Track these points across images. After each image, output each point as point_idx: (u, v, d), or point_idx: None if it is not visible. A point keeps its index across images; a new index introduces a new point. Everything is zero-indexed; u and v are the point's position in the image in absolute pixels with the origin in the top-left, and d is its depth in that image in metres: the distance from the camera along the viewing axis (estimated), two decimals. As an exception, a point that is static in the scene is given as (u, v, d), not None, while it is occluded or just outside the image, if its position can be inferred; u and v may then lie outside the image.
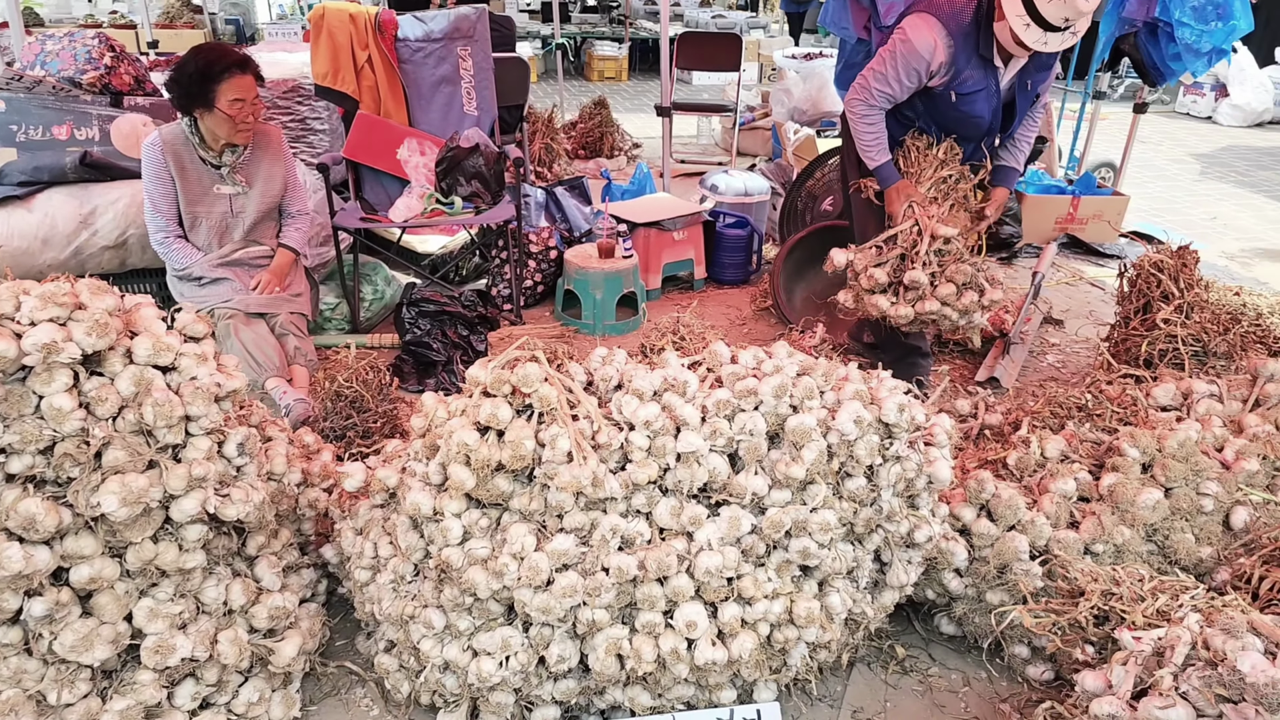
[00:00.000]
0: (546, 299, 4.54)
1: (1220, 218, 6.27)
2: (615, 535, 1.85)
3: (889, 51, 3.00)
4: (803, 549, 1.90)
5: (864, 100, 3.09)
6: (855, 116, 3.12)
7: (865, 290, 3.14)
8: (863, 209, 3.37)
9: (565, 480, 1.79)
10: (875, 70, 3.04)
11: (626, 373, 2.02)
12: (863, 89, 3.08)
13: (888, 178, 3.18)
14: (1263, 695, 1.43)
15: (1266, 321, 3.98)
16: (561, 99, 8.34)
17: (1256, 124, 9.70)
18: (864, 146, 3.15)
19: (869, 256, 3.14)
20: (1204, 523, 2.29)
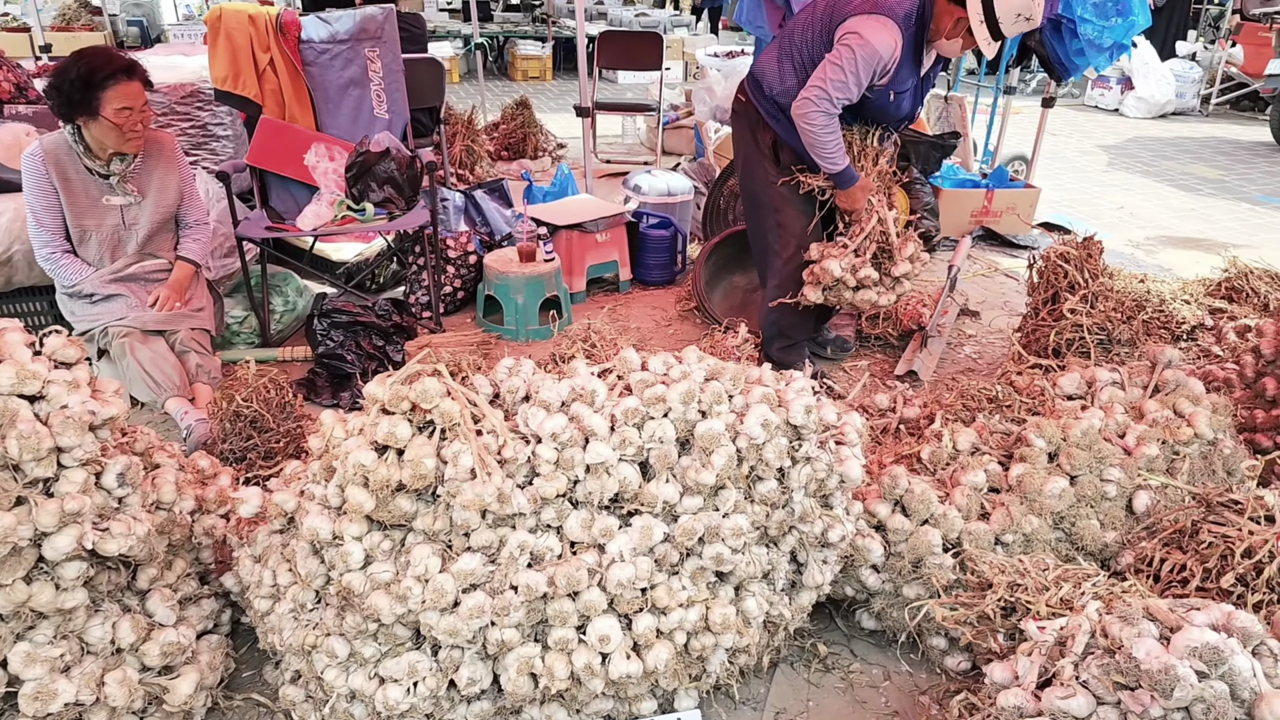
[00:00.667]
0: (467, 305, 4.45)
1: (1127, 207, 6.50)
2: (524, 552, 1.80)
3: (845, 58, 2.91)
4: (716, 555, 1.88)
5: (824, 111, 2.98)
6: (816, 128, 3.00)
7: (850, 289, 3.20)
8: (782, 199, 3.32)
9: (468, 498, 1.73)
10: (832, 79, 2.94)
11: (533, 383, 1.98)
12: (821, 99, 2.96)
13: (850, 179, 3.16)
14: (1157, 681, 1.45)
15: (1169, 307, 4.13)
16: (483, 99, 8.21)
17: (1160, 115, 10.10)
18: (827, 155, 3.08)
19: (843, 254, 3.19)
20: (1108, 508, 2.34)
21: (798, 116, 3.01)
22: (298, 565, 1.92)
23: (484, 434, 1.86)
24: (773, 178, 3.30)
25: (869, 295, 3.22)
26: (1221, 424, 2.49)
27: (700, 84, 7.34)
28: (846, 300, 3.26)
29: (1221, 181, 7.34)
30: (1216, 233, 5.91)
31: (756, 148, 3.32)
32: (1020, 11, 2.84)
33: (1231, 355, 3.74)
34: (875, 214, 3.21)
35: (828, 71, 2.94)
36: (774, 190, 3.31)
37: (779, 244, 3.37)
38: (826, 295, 3.26)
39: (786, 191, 3.29)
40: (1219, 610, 1.64)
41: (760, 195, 3.38)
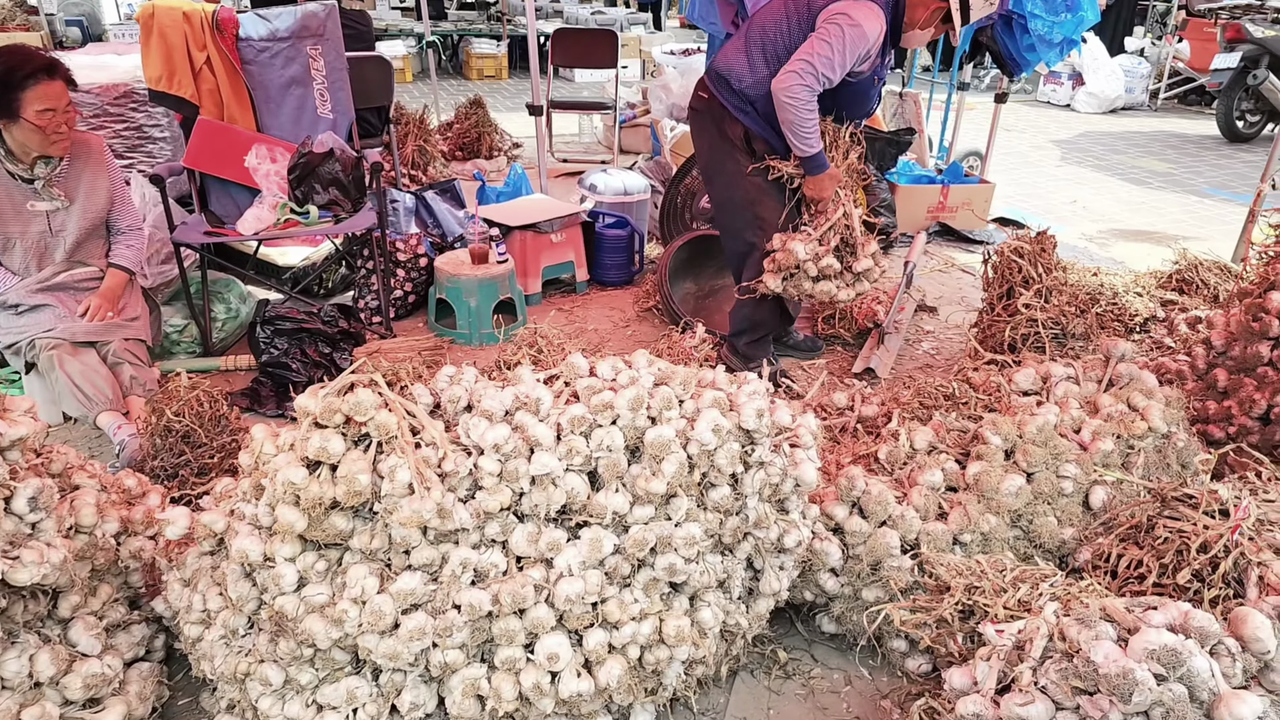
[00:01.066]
0: (419, 309, 4.35)
1: (1080, 201, 6.57)
2: (467, 569, 1.72)
3: (835, 36, 2.90)
4: (669, 565, 1.82)
5: (808, 86, 2.93)
6: (798, 103, 2.95)
7: (810, 278, 3.16)
8: (758, 191, 3.26)
9: (406, 515, 1.65)
10: (820, 55, 2.91)
11: (476, 392, 1.90)
12: (807, 74, 2.91)
13: (821, 165, 3.12)
14: (1115, 686, 1.42)
15: (1122, 300, 4.16)
16: (436, 98, 8.08)
17: (1110, 110, 10.25)
18: (804, 134, 3.02)
19: (809, 244, 3.15)
20: (1065, 505, 2.32)
21: (780, 90, 2.95)
22: (229, 589, 1.82)
23: (423, 446, 1.77)
24: (747, 171, 3.24)
25: (828, 286, 3.18)
26: (1175, 417, 2.48)
27: (656, 82, 7.28)
28: (805, 290, 3.20)
29: (1171, 175, 7.46)
30: (1167, 225, 5.99)
31: (726, 142, 3.25)
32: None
33: (1183, 347, 3.77)
34: (841, 206, 3.18)
35: (816, 48, 2.91)
36: (749, 183, 3.25)
37: (759, 237, 3.30)
38: (786, 285, 3.20)
39: (761, 183, 3.24)
40: (1175, 609, 1.62)
41: (734, 191, 3.30)
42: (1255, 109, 8.45)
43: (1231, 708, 1.40)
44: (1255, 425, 2.75)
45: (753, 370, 3.44)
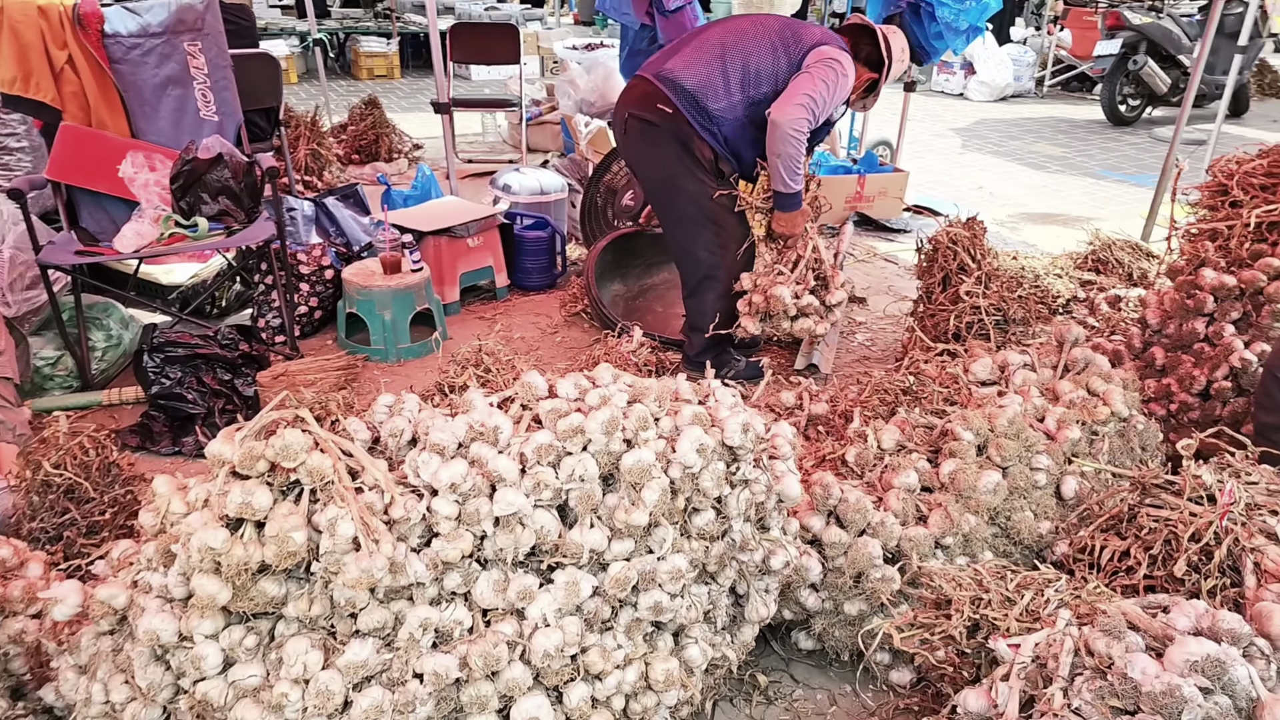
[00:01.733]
0: (327, 325, 4.01)
1: (985, 186, 6.71)
2: (427, 630, 1.49)
3: (831, 80, 2.99)
4: (654, 604, 1.63)
5: (810, 122, 2.99)
6: (800, 137, 2.98)
7: (790, 318, 3.19)
8: (721, 213, 3.22)
9: (353, 576, 1.41)
10: (819, 94, 2.97)
11: (421, 423, 1.66)
12: (808, 110, 2.96)
13: (799, 202, 3.16)
14: (1161, 704, 1.31)
15: (1043, 282, 4.20)
16: (327, 100, 7.61)
17: (1001, 98, 10.61)
18: (796, 169, 3.05)
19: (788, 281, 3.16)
20: (1039, 497, 2.25)
21: (787, 122, 2.93)
22: (137, 676, 1.53)
23: (365, 491, 1.53)
24: (712, 190, 3.17)
25: (807, 323, 3.20)
26: (1134, 400, 2.45)
27: (562, 78, 7.05)
28: (784, 330, 3.23)
29: (1065, 158, 7.72)
30: (1069, 207, 6.17)
31: (692, 161, 3.14)
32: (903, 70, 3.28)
33: (1107, 325, 3.83)
34: (810, 240, 3.20)
35: (816, 88, 2.96)
36: (713, 204, 3.19)
37: (720, 257, 3.25)
38: (764, 326, 3.23)
39: (725, 205, 3.21)
40: (1194, 609, 1.53)
41: (696, 211, 3.21)
42: (1136, 93, 8.86)
43: (1276, 715, 1.31)
44: (1195, 401, 2.76)
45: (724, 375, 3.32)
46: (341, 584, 1.43)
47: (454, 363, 2.14)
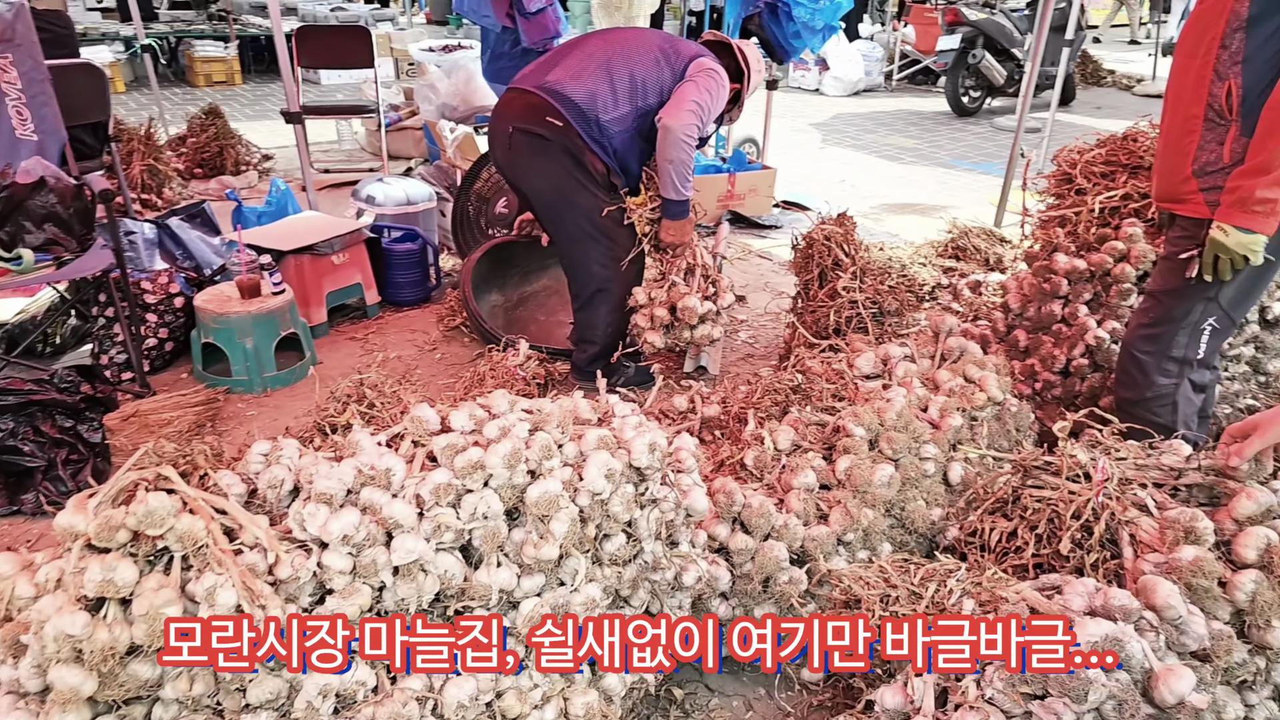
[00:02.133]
0: (181, 358, 3.70)
1: (847, 180, 6.95)
2: (326, 697, 1.37)
3: (714, 90, 3.06)
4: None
5: (701, 129, 3.06)
6: (689, 147, 3.02)
7: (690, 326, 3.22)
8: (614, 227, 3.19)
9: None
10: (705, 104, 3.02)
11: (303, 470, 1.53)
12: (698, 117, 3.00)
13: (687, 210, 3.19)
14: (1069, 688, 1.36)
15: (910, 271, 4.37)
16: (161, 110, 7.07)
17: (854, 93, 11.05)
18: (686, 177, 3.09)
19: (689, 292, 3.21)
20: (929, 485, 2.32)
21: (680, 128, 2.95)
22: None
23: (246, 551, 1.39)
24: (605, 204, 3.14)
25: (706, 329, 3.25)
26: (1006, 384, 2.57)
27: (421, 81, 6.82)
28: (685, 339, 3.26)
29: (918, 150, 8.10)
30: (925, 197, 6.47)
31: (584, 175, 3.09)
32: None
33: (970, 310, 4.03)
34: (698, 249, 3.25)
35: (703, 95, 3.01)
36: (606, 220, 3.16)
37: (613, 273, 3.23)
38: (667, 338, 3.27)
39: (617, 214, 3.18)
40: (1084, 588, 1.61)
41: (589, 226, 3.15)
42: (976, 85, 9.42)
43: (1171, 685, 1.39)
44: (1057, 379, 2.94)
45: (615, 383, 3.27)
46: (226, 658, 1.29)
47: (333, 399, 1.99)
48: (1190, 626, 1.48)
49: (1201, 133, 2.15)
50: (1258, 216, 2.01)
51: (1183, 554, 1.60)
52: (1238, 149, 2.08)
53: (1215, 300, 2.24)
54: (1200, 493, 1.87)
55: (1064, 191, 3.11)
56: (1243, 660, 1.54)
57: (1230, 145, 2.10)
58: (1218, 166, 2.13)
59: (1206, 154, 2.15)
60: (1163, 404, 2.37)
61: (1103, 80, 11.88)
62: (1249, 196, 2.01)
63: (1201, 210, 2.18)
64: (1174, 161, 2.24)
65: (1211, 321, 2.27)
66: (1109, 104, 10.50)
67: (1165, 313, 2.32)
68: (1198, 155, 2.17)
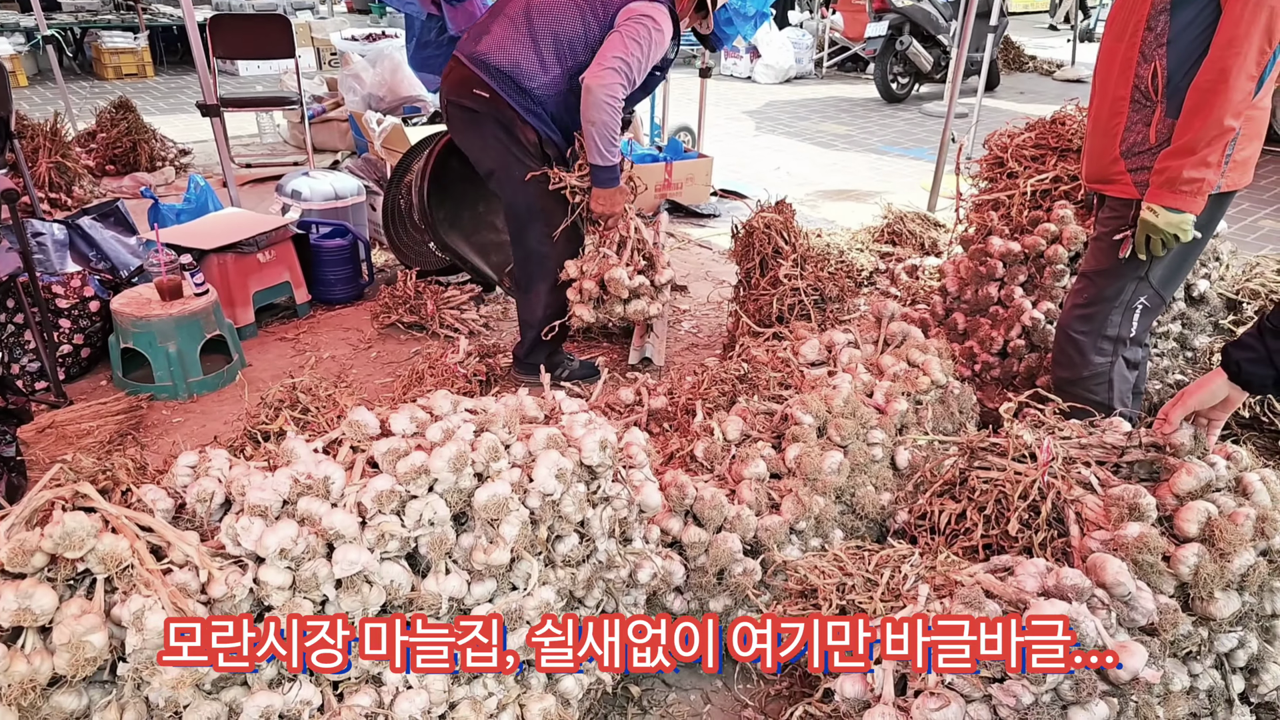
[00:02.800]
0: (99, 364, 3.52)
1: (782, 167, 6.98)
2: (269, 719, 1.29)
3: (643, 37, 2.80)
4: (523, 643, 1.52)
5: (625, 86, 2.81)
6: (615, 104, 2.80)
7: (622, 301, 3.06)
8: (548, 200, 3.04)
9: (173, 675, 1.20)
10: (633, 55, 2.79)
11: (235, 481, 1.45)
12: (624, 73, 2.78)
13: (616, 178, 3.00)
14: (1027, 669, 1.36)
15: (848, 257, 4.41)
16: (68, 105, 6.72)
17: (785, 80, 11.11)
18: (610, 141, 2.88)
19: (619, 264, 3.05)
20: (877, 470, 2.33)
21: (601, 88, 2.76)
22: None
23: (175, 570, 1.31)
24: (539, 180, 3.01)
25: (640, 305, 3.10)
26: (949, 367, 2.60)
27: (345, 72, 6.64)
28: (618, 314, 3.11)
29: (850, 136, 8.19)
30: (859, 183, 6.54)
31: (517, 147, 2.97)
32: None
33: (908, 294, 4.08)
34: (631, 221, 3.10)
35: (629, 48, 2.78)
36: (540, 190, 3.03)
37: (549, 247, 3.10)
38: (598, 312, 3.10)
39: (556, 196, 3.04)
40: (1035, 568, 1.62)
41: (525, 199, 3.05)
42: (904, 72, 9.56)
43: (1124, 661, 1.40)
44: (996, 361, 2.98)
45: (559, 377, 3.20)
46: (159, 684, 1.21)
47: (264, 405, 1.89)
48: (1139, 602, 1.51)
49: (1128, 114, 2.18)
50: (1185, 196, 2.05)
51: (1128, 530, 1.63)
52: (1164, 130, 2.11)
53: (1146, 279, 2.28)
54: (1141, 469, 1.91)
55: (996, 175, 3.16)
56: (1188, 632, 1.57)
57: (1156, 126, 2.13)
58: (1144, 147, 2.17)
59: (1133, 135, 2.19)
60: (1099, 382, 2.42)
61: (1024, 66, 12.20)
62: (1177, 177, 2.04)
63: (1130, 191, 2.22)
64: (1102, 143, 2.27)
65: (1143, 300, 2.32)
66: (1031, 89, 10.79)
67: (1098, 293, 2.36)
68: (1125, 136, 2.20)
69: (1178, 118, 2.06)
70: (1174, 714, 1.53)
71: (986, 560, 1.86)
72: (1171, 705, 1.54)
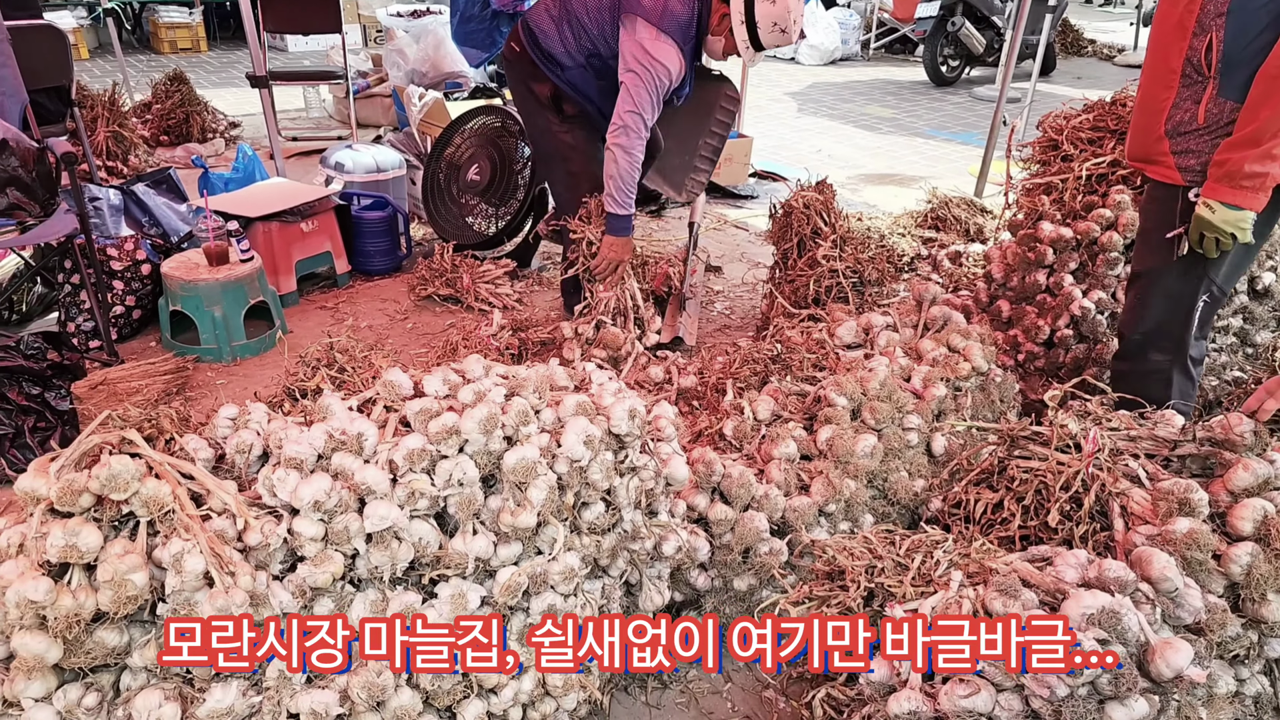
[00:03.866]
0: (149, 326, 3.61)
1: (824, 150, 6.89)
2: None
3: (647, 82, 2.90)
4: (547, 607, 1.54)
5: (643, 138, 2.96)
6: (634, 158, 2.97)
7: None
8: (567, 148, 3.25)
9: (208, 615, 1.23)
10: (641, 104, 2.91)
11: (272, 435, 1.48)
12: (639, 124, 2.93)
13: (627, 229, 3.12)
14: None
15: (889, 242, 4.34)
16: (125, 77, 6.87)
17: (830, 62, 10.94)
18: (628, 191, 3.02)
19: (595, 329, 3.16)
20: (912, 456, 2.31)
21: (615, 147, 2.95)
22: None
23: (214, 518, 1.35)
24: (557, 128, 3.23)
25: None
26: (991, 354, 2.55)
27: (390, 47, 6.68)
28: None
29: (895, 119, 8.05)
30: (904, 167, 6.43)
31: (535, 100, 3.22)
32: (777, 23, 2.91)
33: (950, 281, 4.01)
34: (628, 288, 3.19)
35: (637, 98, 2.91)
36: (557, 140, 3.25)
37: (572, 191, 3.30)
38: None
39: (570, 139, 3.23)
40: (1077, 560, 1.59)
41: (545, 146, 3.34)
42: (955, 54, 9.34)
43: (1168, 659, 1.36)
44: (1041, 350, 2.92)
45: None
46: (194, 628, 1.25)
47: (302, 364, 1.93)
48: (1186, 599, 1.47)
49: (1178, 89, 2.00)
50: (1246, 192, 1.88)
51: (1177, 526, 1.58)
52: (1214, 111, 1.94)
53: (1206, 275, 2.12)
54: (1194, 464, 1.85)
55: (1050, 158, 3.08)
56: (1236, 634, 1.53)
57: (1206, 105, 1.95)
58: (1191, 127, 2.00)
59: (1180, 113, 2.01)
60: (1158, 380, 2.29)
61: (1083, 50, 11.85)
62: (1238, 171, 1.87)
63: (1172, 175, 2.06)
64: (1147, 119, 2.10)
65: (1204, 297, 2.17)
66: (1089, 74, 10.48)
67: (1155, 290, 2.22)
68: (1171, 114, 2.03)
69: (1230, 98, 1.89)
70: (1218, 718, 1.48)
71: (1024, 551, 1.82)
72: (1216, 708, 1.49)
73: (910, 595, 1.63)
